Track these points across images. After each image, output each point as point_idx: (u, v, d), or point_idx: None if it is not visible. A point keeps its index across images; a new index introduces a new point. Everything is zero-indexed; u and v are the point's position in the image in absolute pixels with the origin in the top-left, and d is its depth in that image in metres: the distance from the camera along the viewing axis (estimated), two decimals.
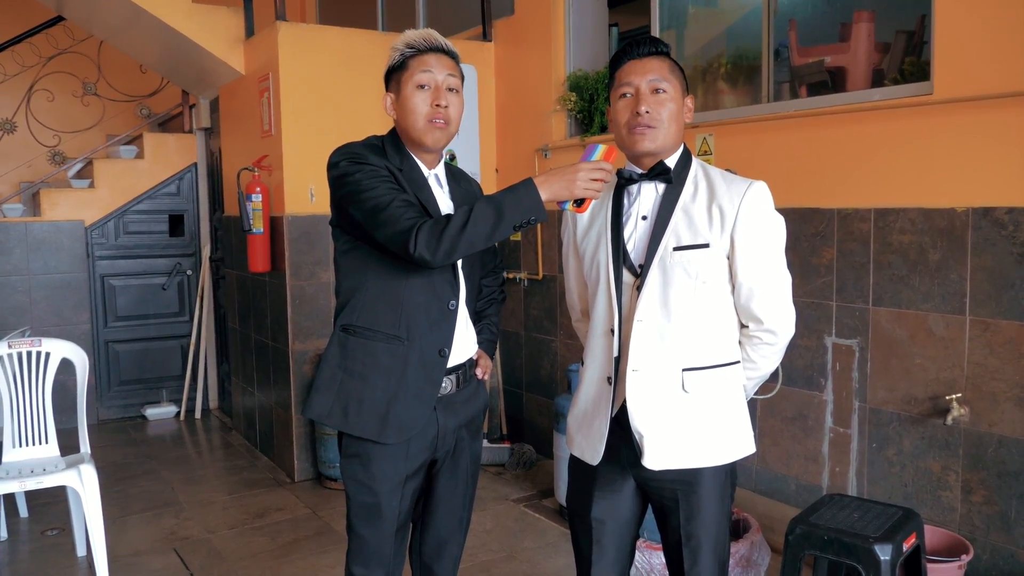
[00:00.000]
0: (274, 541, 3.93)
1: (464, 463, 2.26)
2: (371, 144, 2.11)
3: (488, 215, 1.85)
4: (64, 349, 3.75)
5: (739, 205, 1.93)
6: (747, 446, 2.05)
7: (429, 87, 2.04)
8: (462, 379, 2.18)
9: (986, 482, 2.95)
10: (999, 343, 2.88)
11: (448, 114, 2.05)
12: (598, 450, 2.05)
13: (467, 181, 2.30)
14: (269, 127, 4.67)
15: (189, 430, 6.10)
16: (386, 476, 2.08)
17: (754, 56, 3.91)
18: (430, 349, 2.06)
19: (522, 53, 4.96)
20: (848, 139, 3.27)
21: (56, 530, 4.08)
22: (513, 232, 1.89)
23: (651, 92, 1.96)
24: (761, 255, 1.96)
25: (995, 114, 2.83)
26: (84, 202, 6.12)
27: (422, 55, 2.06)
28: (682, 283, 1.94)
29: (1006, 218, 2.83)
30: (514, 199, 1.86)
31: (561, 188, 1.86)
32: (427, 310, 2.06)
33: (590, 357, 2.10)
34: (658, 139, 1.97)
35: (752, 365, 2.07)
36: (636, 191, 2.04)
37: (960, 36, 2.92)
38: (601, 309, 2.04)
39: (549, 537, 3.88)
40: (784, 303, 2.01)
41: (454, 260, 1.94)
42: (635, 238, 2.01)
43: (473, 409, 2.25)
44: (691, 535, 2.00)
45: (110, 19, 5.40)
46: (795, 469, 3.56)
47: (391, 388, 2.05)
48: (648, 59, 1.98)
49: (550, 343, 4.84)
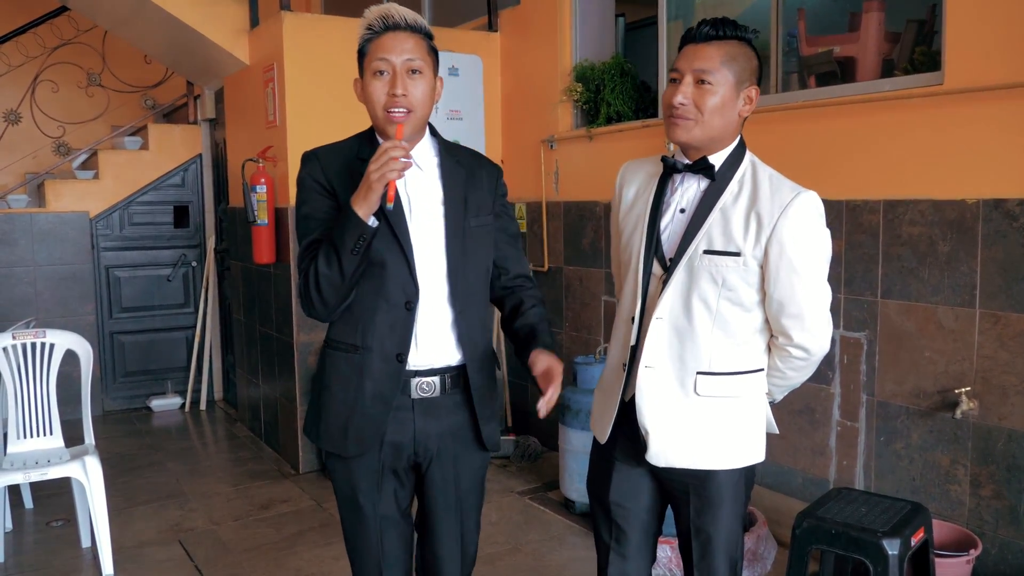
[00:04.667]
0: (279, 533, 3.93)
1: (457, 477, 2.08)
2: (337, 148, 2.03)
3: (328, 253, 1.86)
4: (69, 340, 3.75)
5: (778, 216, 1.82)
6: (755, 455, 1.99)
7: (387, 73, 1.91)
8: (449, 384, 2.02)
9: (995, 476, 2.93)
10: (1009, 336, 2.86)
11: (408, 101, 1.90)
12: (606, 430, 2.04)
13: (467, 155, 2.12)
14: (274, 118, 4.65)
15: (194, 421, 6.10)
16: (361, 474, 2.03)
17: (762, 46, 3.85)
18: (389, 355, 1.96)
19: (528, 43, 4.93)
20: (857, 130, 3.24)
21: (61, 521, 4.08)
22: (356, 256, 1.84)
23: (695, 82, 1.85)
24: (796, 271, 1.84)
25: (1006, 105, 2.80)
26: (89, 193, 6.11)
27: (379, 37, 1.94)
28: (707, 287, 1.87)
29: (1017, 210, 2.80)
30: (340, 229, 1.85)
31: (364, 193, 1.82)
32: (383, 313, 1.95)
33: (614, 339, 2.08)
34: (693, 131, 1.86)
35: (780, 375, 1.99)
36: (680, 181, 1.96)
37: (971, 26, 2.89)
38: (628, 294, 2.01)
39: (554, 530, 3.87)
40: (818, 321, 1.90)
41: (338, 304, 1.92)
42: (670, 230, 1.95)
43: (461, 418, 2.06)
44: (700, 529, 1.98)
45: (115, 9, 5.38)
46: (802, 462, 3.54)
47: (350, 398, 1.99)
48: (706, 45, 1.85)
49: (556, 335, 4.83)
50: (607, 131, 4.38)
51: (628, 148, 4.20)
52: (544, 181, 4.78)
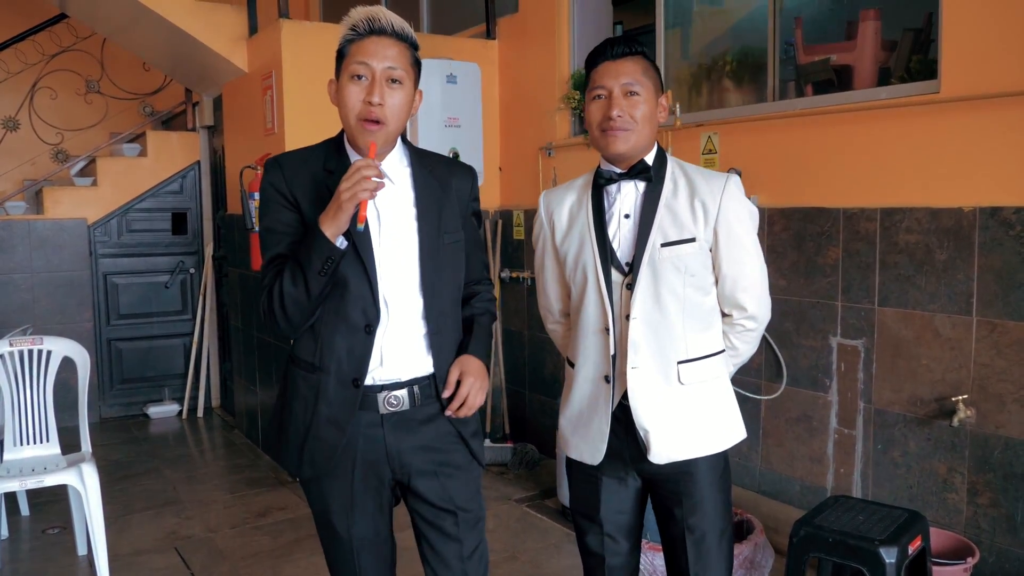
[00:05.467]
0: (276, 540, 3.92)
1: (445, 491, 1.96)
2: (303, 156, 1.94)
3: (295, 272, 1.79)
4: (66, 347, 3.74)
5: (720, 199, 1.98)
6: (739, 432, 2.10)
7: (365, 78, 1.81)
8: (419, 396, 1.93)
9: (992, 484, 2.92)
10: (1006, 344, 2.86)
11: (383, 112, 1.80)
12: (599, 450, 2.05)
13: (440, 164, 2.03)
14: (272, 125, 4.66)
15: (191, 429, 6.09)
16: (333, 496, 1.97)
17: (759, 54, 3.88)
18: (345, 379, 1.87)
19: (526, 51, 4.94)
20: (854, 138, 3.25)
21: (57, 529, 4.07)
22: (324, 277, 1.78)
23: (624, 95, 1.96)
24: (742, 245, 2.01)
25: (1003, 113, 2.81)
26: (87, 200, 6.12)
27: (362, 40, 1.83)
28: (672, 278, 1.97)
29: (1014, 218, 2.81)
30: (307, 249, 1.77)
31: (334, 214, 1.74)
32: (343, 335, 1.87)
33: (582, 357, 2.08)
34: (631, 140, 1.97)
35: (735, 352, 2.12)
36: (616, 190, 2.04)
37: (967, 34, 2.90)
38: (592, 309, 2.04)
39: (552, 537, 3.86)
40: (763, 288, 2.07)
41: (303, 322, 1.85)
42: (620, 237, 2.03)
43: (440, 430, 1.96)
44: (694, 528, 2.02)
45: (114, 17, 5.39)
46: (799, 470, 3.53)
47: (307, 419, 1.91)
48: (622, 60, 1.98)
49: (552, 343, 4.81)
50: None
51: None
52: (542, 188, 4.78)
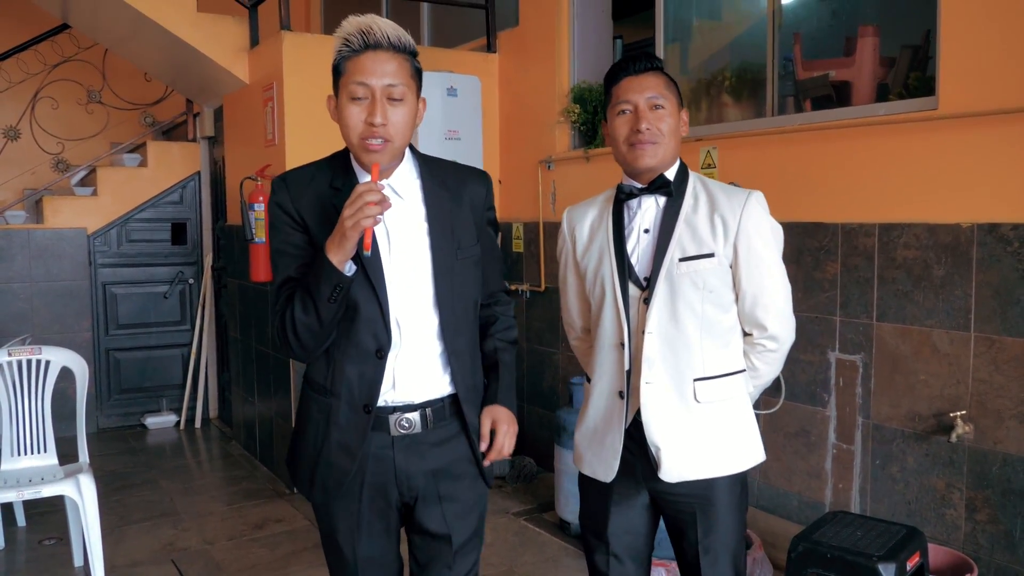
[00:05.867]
0: (273, 552, 3.91)
1: (447, 517, 1.92)
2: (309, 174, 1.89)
3: (304, 300, 1.75)
4: (64, 357, 3.74)
5: (740, 214, 1.96)
6: (758, 454, 2.07)
7: (365, 98, 1.74)
8: (432, 418, 1.88)
9: (990, 500, 2.92)
10: (1004, 360, 2.86)
11: (386, 131, 1.75)
12: (612, 466, 2.04)
13: (451, 173, 1.96)
14: (273, 136, 4.67)
15: (189, 439, 6.08)
16: (340, 517, 1.92)
17: (758, 69, 3.90)
18: (356, 404, 1.84)
19: (526, 65, 4.96)
20: (852, 154, 3.26)
21: (54, 539, 4.06)
22: (334, 304, 1.73)
23: (650, 108, 1.97)
24: (763, 262, 1.98)
25: (1001, 129, 2.82)
26: (87, 210, 6.12)
27: (358, 56, 1.75)
28: (689, 294, 1.95)
29: (1011, 234, 2.82)
30: (315, 277, 1.73)
31: (339, 241, 1.69)
32: (354, 360, 1.83)
33: (598, 372, 2.09)
34: (659, 154, 1.98)
35: (756, 373, 2.08)
36: (636, 205, 2.05)
37: (965, 51, 2.91)
38: (608, 324, 2.04)
39: (549, 552, 3.85)
40: (786, 309, 2.04)
41: (317, 347, 1.82)
42: (639, 251, 2.02)
43: (453, 452, 1.92)
44: (709, 549, 2.00)
45: (115, 27, 5.41)
46: (798, 485, 3.53)
47: (318, 443, 1.88)
48: (645, 75, 2.00)
49: (552, 355, 4.82)
50: (604, 152, 4.39)
51: None
52: (541, 201, 4.80)
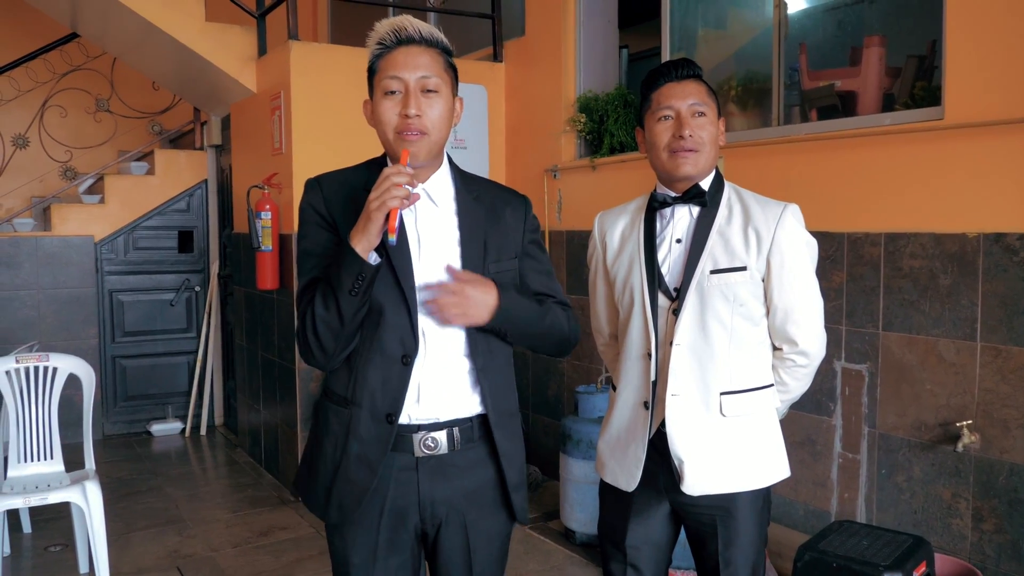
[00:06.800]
0: (278, 560, 3.91)
1: (469, 548, 1.84)
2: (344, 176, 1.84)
3: (326, 294, 1.67)
4: (71, 364, 3.76)
5: (775, 228, 1.93)
6: (783, 469, 2.06)
7: (400, 92, 1.72)
8: (459, 439, 1.78)
9: (997, 510, 2.91)
10: (1010, 369, 2.86)
11: (422, 123, 1.70)
12: (635, 476, 2.02)
13: (488, 190, 1.89)
14: (280, 145, 4.69)
15: (194, 447, 6.08)
16: (355, 549, 1.80)
17: (764, 79, 3.91)
18: (379, 413, 1.74)
19: (532, 74, 4.97)
20: (859, 163, 3.26)
21: (59, 546, 4.07)
22: (356, 297, 1.65)
23: (692, 115, 1.94)
24: (796, 277, 1.95)
25: (1006, 139, 2.82)
26: (94, 217, 6.15)
27: (390, 53, 1.74)
28: (720, 306, 1.93)
29: (1018, 244, 2.81)
30: (337, 266, 1.66)
31: (363, 225, 1.63)
32: (378, 366, 1.74)
33: (624, 381, 2.06)
34: (700, 163, 1.95)
35: (784, 388, 2.06)
36: (670, 214, 2.02)
37: (971, 61, 2.92)
38: (636, 333, 2.01)
39: (554, 560, 3.84)
40: (818, 324, 2.00)
41: (338, 352, 1.73)
42: (669, 261, 1.99)
43: (481, 478, 1.83)
44: (729, 562, 1.98)
45: (123, 36, 5.45)
46: (803, 494, 3.52)
47: (336, 457, 1.78)
48: (687, 82, 1.97)
49: (557, 364, 4.82)
50: (610, 161, 4.41)
51: (631, 178, 4.23)
52: (547, 210, 4.81)
